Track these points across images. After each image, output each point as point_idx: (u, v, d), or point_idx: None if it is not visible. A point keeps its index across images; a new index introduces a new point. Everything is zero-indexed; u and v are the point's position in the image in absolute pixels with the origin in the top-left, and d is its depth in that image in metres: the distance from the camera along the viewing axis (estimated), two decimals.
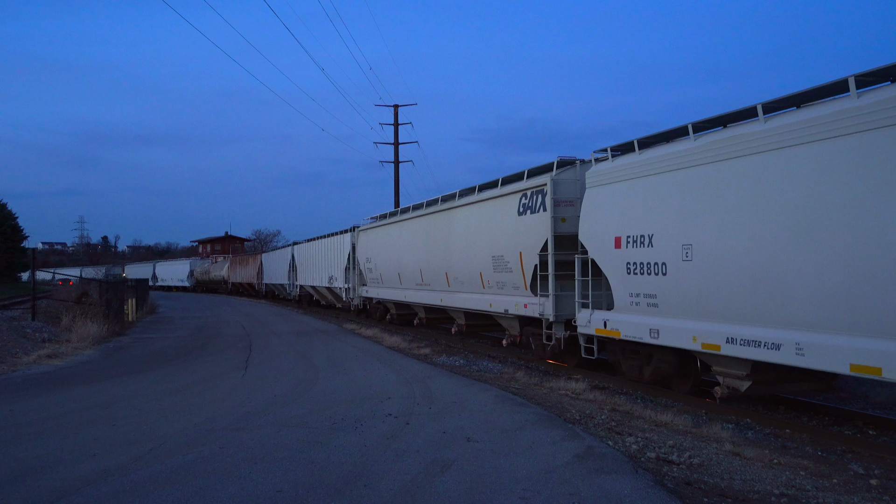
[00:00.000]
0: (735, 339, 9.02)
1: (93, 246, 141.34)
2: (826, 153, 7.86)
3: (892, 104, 7.24)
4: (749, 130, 9.00)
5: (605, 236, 11.54)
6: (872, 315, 7.33)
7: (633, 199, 10.99)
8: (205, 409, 9.02)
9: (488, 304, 16.11)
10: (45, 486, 5.73)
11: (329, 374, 12.23)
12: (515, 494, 5.40)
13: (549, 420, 8.15)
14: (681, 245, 9.94)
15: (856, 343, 7.46)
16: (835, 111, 7.89)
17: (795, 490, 5.92)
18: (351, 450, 6.75)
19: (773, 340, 8.44)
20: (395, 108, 39.59)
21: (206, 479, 5.82)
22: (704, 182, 9.59)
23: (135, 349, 17.30)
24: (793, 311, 8.23)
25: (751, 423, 9.22)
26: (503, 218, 15.13)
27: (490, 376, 12.27)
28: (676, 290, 10.08)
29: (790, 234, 8.23)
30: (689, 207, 9.84)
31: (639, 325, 10.82)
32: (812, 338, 7.96)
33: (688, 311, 9.93)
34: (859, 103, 7.58)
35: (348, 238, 28.21)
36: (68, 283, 39.81)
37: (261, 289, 50.54)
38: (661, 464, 6.47)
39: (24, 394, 10.45)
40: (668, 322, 10.24)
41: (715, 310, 9.42)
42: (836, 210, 7.69)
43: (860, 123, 7.54)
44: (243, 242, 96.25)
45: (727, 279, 9.16)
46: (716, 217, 9.35)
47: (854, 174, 7.54)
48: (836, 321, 7.72)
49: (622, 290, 11.22)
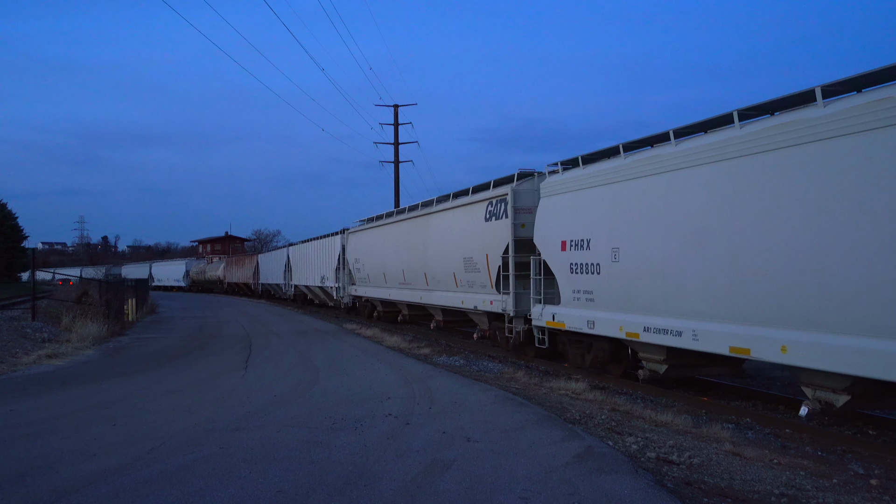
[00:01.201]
0: (650, 328, 10.54)
1: (93, 246, 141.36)
2: (713, 174, 9.40)
3: (761, 136, 8.70)
4: (662, 152, 10.52)
5: (554, 240, 13.05)
6: (745, 307, 8.85)
7: (576, 208, 12.57)
8: (205, 409, 9.02)
9: (461, 301, 17.69)
10: (45, 486, 5.72)
11: (329, 374, 12.23)
12: (515, 494, 5.40)
13: (549, 420, 8.15)
14: (611, 248, 11.43)
15: (734, 329, 9.01)
16: (720, 139, 9.40)
17: (795, 490, 5.92)
18: (351, 450, 6.74)
19: (676, 328, 9.98)
20: (395, 108, 39.62)
21: (207, 480, 5.82)
22: (629, 195, 11.11)
23: (135, 349, 17.30)
24: (690, 304, 9.79)
25: (751, 423, 9.22)
26: (472, 223, 16.70)
27: (490, 376, 12.28)
28: (608, 287, 11.57)
29: (688, 240, 9.72)
30: (617, 216, 11.34)
31: (579, 317, 12.38)
32: (703, 325, 9.52)
33: (616, 304, 11.41)
34: (740, 133, 9.07)
35: (338, 240, 29.79)
36: (68, 283, 39.82)
37: (257, 288, 51.96)
38: (661, 464, 6.47)
39: (24, 394, 10.45)
40: (602, 314, 11.75)
41: (636, 303, 10.90)
42: (721, 221, 9.17)
43: (736, 150, 9.07)
44: (243, 242, 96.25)
45: (644, 278, 10.66)
46: (637, 225, 10.84)
47: (732, 192, 9.03)
48: (720, 312, 9.28)
49: (567, 287, 12.77)
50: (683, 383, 12.55)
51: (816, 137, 7.99)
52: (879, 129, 7.24)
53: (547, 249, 13.37)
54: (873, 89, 7.78)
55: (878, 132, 7.25)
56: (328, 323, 26.08)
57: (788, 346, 8.25)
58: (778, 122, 8.61)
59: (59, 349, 15.96)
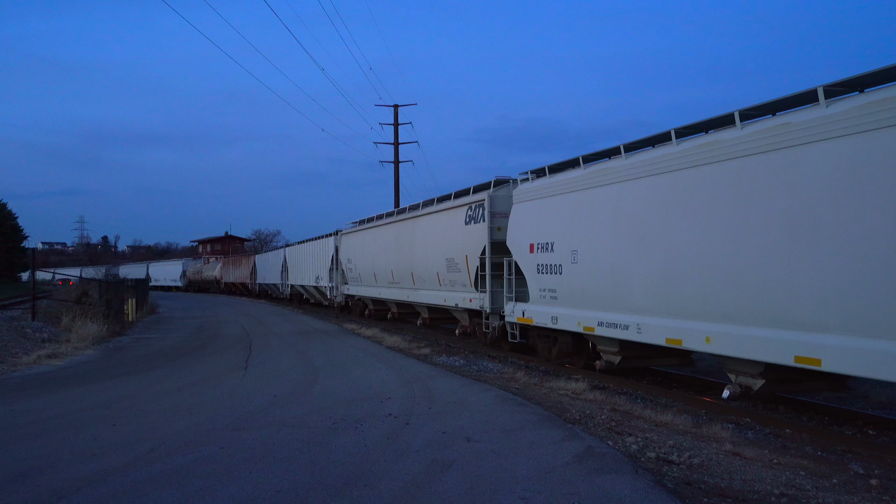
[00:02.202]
0: (604, 322, 11.55)
1: (93, 246, 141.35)
2: (653, 185, 10.49)
3: (690, 153, 9.80)
4: (613, 164, 11.61)
5: (524, 243, 14.12)
6: (677, 303, 9.92)
7: (542, 214, 13.57)
8: (205, 409, 9.02)
9: (444, 299, 18.80)
10: (45, 486, 5.72)
11: (329, 373, 12.23)
12: (515, 494, 5.40)
13: (549, 420, 8.15)
14: (570, 251, 12.45)
15: (669, 323, 10.07)
16: (659, 155, 10.48)
17: (795, 490, 5.92)
18: (351, 450, 6.74)
19: (624, 323, 11.02)
20: (394, 108, 39.62)
21: (207, 480, 5.82)
22: (586, 202, 12.16)
23: (135, 349, 17.30)
24: (635, 300, 10.80)
25: (751, 423, 9.22)
26: (454, 226, 17.85)
27: (490, 376, 12.28)
28: (568, 285, 12.65)
29: (633, 244, 10.77)
30: (576, 222, 12.40)
31: (545, 313, 13.43)
32: (645, 320, 10.56)
33: (575, 301, 12.48)
34: (676, 149, 10.14)
35: (332, 241, 30.98)
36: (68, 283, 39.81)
37: (254, 288, 52.93)
38: (661, 464, 6.47)
39: (24, 394, 10.45)
40: (564, 311, 12.84)
41: (591, 300, 11.97)
42: (658, 227, 10.25)
43: (671, 165, 10.18)
44: (243, 242, 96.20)
45: (598, 277, 11.73)
46: (592, 230, 11.89)
47: (667, 201, 10.11)
48: (658, 308, 10.32)
49: (535, 286, 13.83)
50: (685, 383, 12.56)
51: (732, 156, 9.06)
52: (779, 150, 8.37)
53: (518, 251, 14.46)
54: (784, 113, 8.78)
55: (779, 153, 8.36)
56: (328, 323, 26.08)
57: (711, 336, 9.33)
58: (702, 141, 9.73)
59: (58, 349, 15.96)
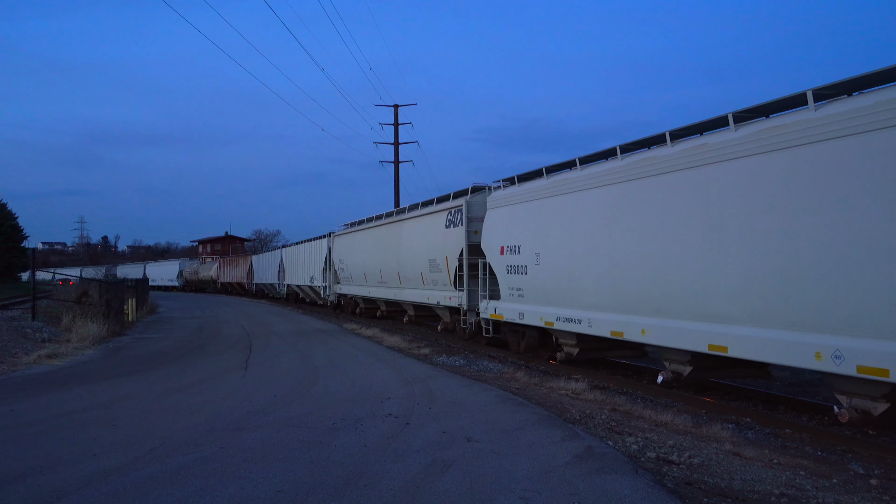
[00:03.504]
0: (562, 317, 12.92)
1: (93, 246, 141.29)
2: (601, 195, 11.74)
3: (630, 167, 11.03)
4: (570, 176, 12.99)
5: (496, 245, 15.45)
6: (620, 300, 11.19)
7: (511, 220, 14.93)
8: (205, 409, 9.02)
9: (427, 297, 20.21)
10: (45, 486, 5.72)
11: (329, 373, 12.23)
12: (515, 494, 5.40)
13: (549, 420, 8.15)
14: (534, 253, 13.75)
15: (613, 317, 11.36)
16: (608, 168, 11.75)
17: (795, 490, 5.92)
18: (351, 450, 6.74)
19: (578, 317, 12.38)
20: (395, 108, 39.62)
21: (207, 480, 5.82)
22: (548, 210, 13.48)
23: (135, 349, 17.30)
24: (587, 298, 12.15)
25: (751, 423, 9.22)
26: (435, 229, 19.14)
27: (490, 376, 12.28)
28: (532, 284, 13.98)
29: (586, 248, 12.05)
30: (539, 227, 13.68)
31: (513, 310, 14.83)
32: (595, 315, 11.87)
33: (539, 299, 13.79)
34: (621, 163, 11.36)
35: (325, 243, 32.30)
36: (68, 283, 39.77)
37: (250, 288, 54.17)
38: (661, 464, 6.47)
39: (24, 394, 10.45)
40: (528, 307, 14.19)
41: (552, 298, 13.28)
42: (605, 233, 11.52)
43: (616, 177, 11.44)
44: (243, 242, 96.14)
45: (557, 277, 13.04)
46: (552, 234, 13.22)
47: (613, 209, 11.39)
48: (605, 304, 11.61)
49: (505, 285, 15.25)
50: (686, 384, 12.56)
51: (663, 171, 10.27)
52: (697, 167, 9.64)
53: (490, 253, 15.79)
54: (710, 133, 9.85)
55: (697, 170, 9.63)
56: (328, 322, 26.08)
57: (646, 329, 10.63)
58: (642, 157, 10.95)
59: (59, 349, 15.95)
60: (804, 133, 8.04)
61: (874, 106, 7.30)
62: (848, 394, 7.97)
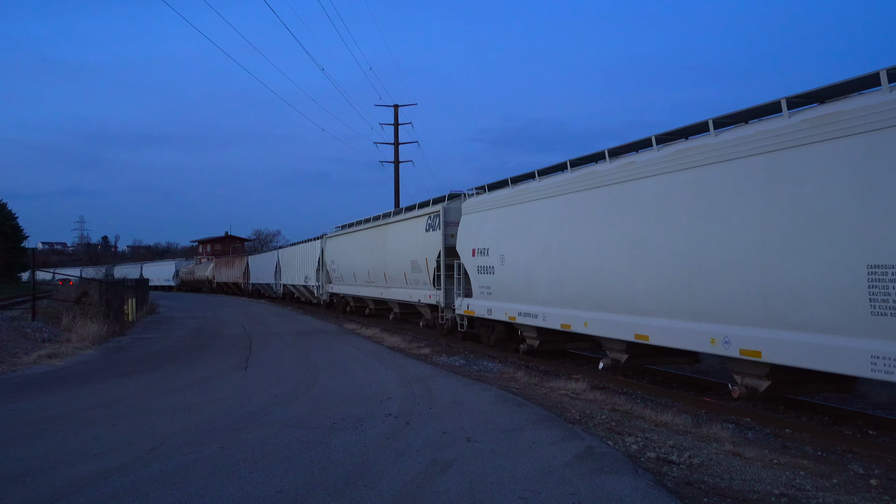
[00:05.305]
0: (523, 313, 14.38)
1: (93, 246, 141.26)
2: (554, 204, 13.21)
3: (577, 180, 12.44)
4: (529, 186, 14.36)
5: (469, 248, 16.95)
6: (568, 296, 12.65)
7: (482, 224, 16.42)
8: (205, 409, 9.02)
9: (409, 296, 21.77)
10: (45, 486, 5.72)
11: (329, 373, 12.23)
12: (515, 494, 5.40)
13: (549, 420, 8.15)
14: (500, 255, 15.25)
15: (562, 312, 12.87)
16: (559, 180, 13.13)
17: (795, 490, 5.92)
18: (351, 450, 6.74)
19: (535, 312, 13.89)
20: (395, 109, 39.64)
21: (207, 480, 5.82)
22: (511, 216, 14.93)
23: (135, 349, 17.30)
24: (542, 295, 13.62)
25: (751, 423, 9.22)
26: (417, 233, 20.64)
27: (490, 376, 12.28)
28: (499, 283, 15.46)
29: (541, 250, 13.51)
30: (505, 232, 15.16)
31: (484, 306, 16.35)
32: (549, 310, 13.34)
33: (504, 296, 15.29)
34: (571, 175, 12.77)
35: (318, 244, 33.85)
36: (68, 283, 39.74)
37: (247, 288, 55.21)
38: (661, 464, 6.47)
39: (24, 394, 10.45)
40: (496, 304, 15.71)
41: (515, 295, 14.74)
42: (555, 237, 12.98)
43: (564, 189, 12.86)
44: (243, 242, 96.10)
45: (518, 276, 14.48)
46: (514, 238, 14.67)
47: (561, 217, 12.89)
48: (556, 300, 13.07)
49: (476, 284, 16.72)
50: (685, 383, 12.57)
51: (601, 184, 11.67)
52: (627, 182, 10.97)
53: (464, 255, 17.27)
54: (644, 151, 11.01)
55: (627, 184, 10.98)
56: (328, 323, 26.08)
57: (588, 322, 12.04)
58: (586, 171, 12.38)
59: (59, 349, 15.95)
60: (705, 155, 9.47)
61: (753, 136, 8.71)
62: (740, 374, 9.46)
